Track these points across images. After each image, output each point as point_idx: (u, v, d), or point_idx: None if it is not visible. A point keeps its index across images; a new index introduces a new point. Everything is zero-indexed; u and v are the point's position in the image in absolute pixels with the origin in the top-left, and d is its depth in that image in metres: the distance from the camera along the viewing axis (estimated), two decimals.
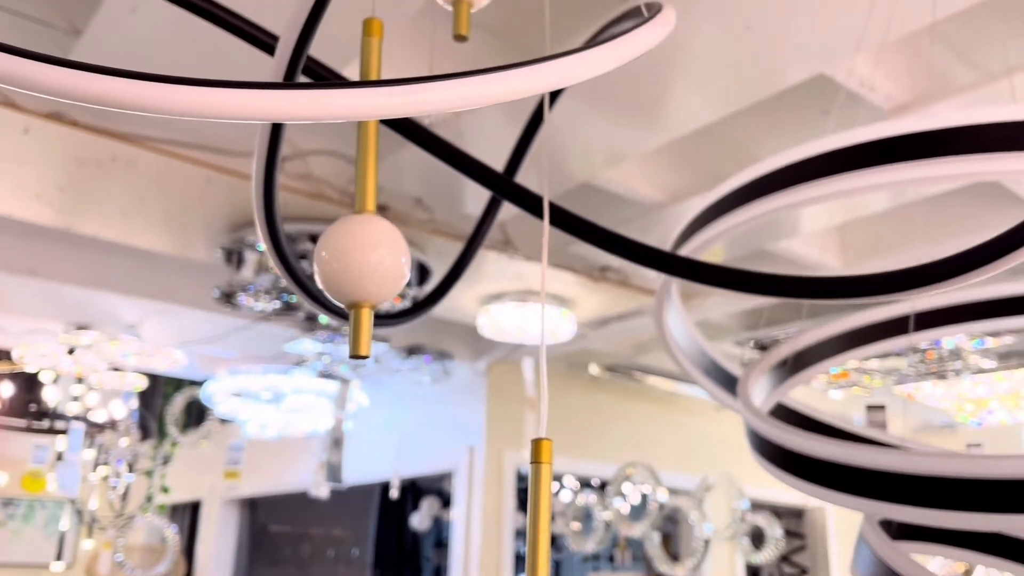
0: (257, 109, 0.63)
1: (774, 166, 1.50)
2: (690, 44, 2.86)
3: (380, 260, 0.86)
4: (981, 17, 2.72)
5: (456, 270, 1.44)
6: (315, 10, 0.83)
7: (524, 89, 0.73)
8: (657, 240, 4.68)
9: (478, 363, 6.59)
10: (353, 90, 0.65)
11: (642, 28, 0.87)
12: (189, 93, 0.62)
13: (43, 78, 0.62)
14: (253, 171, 0.95)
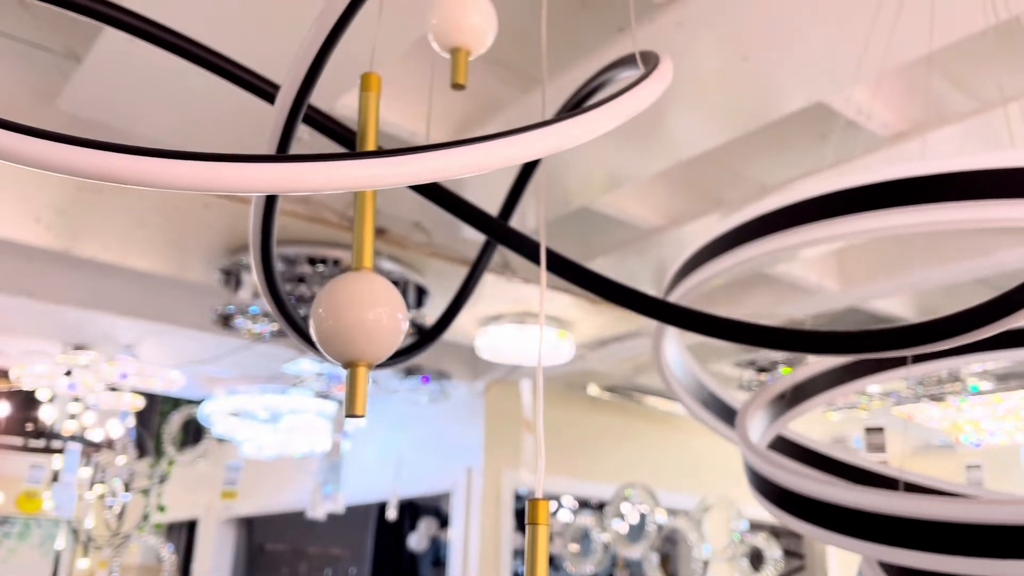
0: (255, 182, 0.63)
1: (768, 208, 1.50)
2: (689, 72, 2.87)
3: (377, 319, 0.86)
4: (978, 47, 2.73)
5: (453, 308, 1.44)
6: (308, 78, 0.83)
7: (521, 156, 0.73)
8: (655, 263, 4.70)
9: (476, 383, 6.58)
10: (349, 162, 0.65)
11: (641, 86, 0.87)
12: (183, 167, 0.62)
13: (39, 155, 0.62)
14: (250, 233, 0.94)
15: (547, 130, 0.75)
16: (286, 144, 0.88)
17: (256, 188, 0.63)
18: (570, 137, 0.76)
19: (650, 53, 1.10)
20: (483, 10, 1.14)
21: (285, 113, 0.85)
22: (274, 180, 0.63)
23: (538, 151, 0.75)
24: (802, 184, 3.57)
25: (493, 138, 0.72)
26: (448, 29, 1.13)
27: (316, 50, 0.82)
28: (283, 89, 0.86)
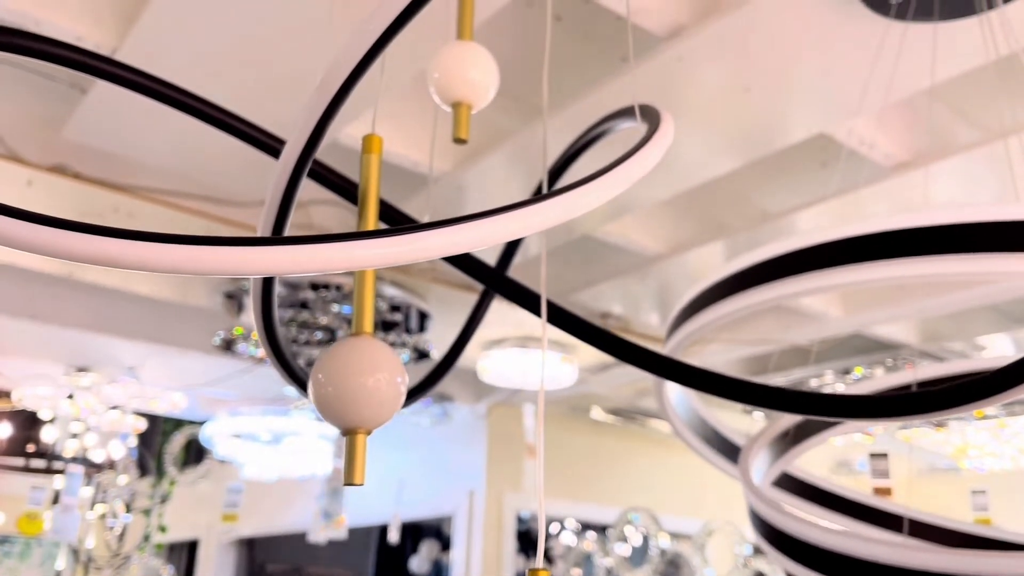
0: (254, 265, 0.63)
1: (771, 255, 1.50)
2: (691, 103, 2.87)
3: (376, 385, 0.85)
4: (982, 77, 2.74)
5: (452, 353, 1.43)
6: (299, 164, 0.84)
7: (523, 230, 0.73)
8: (657, 288, 4.68)
9: (478, 406, 6.56)
10: (347, 243, 0.65)
11: (643, 150, 0.86)
12: (181, 252, 0.62)
13: (34, 239, 0.62)
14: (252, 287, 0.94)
15: (555, 201, 0.75)
16: (283, 220, 0.88)
17: (254, 271, 0.63)
18: (570, 209, 0.76)
19: (650, 108, 1.10)
20: (484, 65, 1.14)
21: (280, 193, 0.85)
22: (271, 263, 0.63)
23: (544, 222, 0.74)
24: (804, 214, 3.57)
25: (499, 212, 0.72)
26: (450, 83, 1.13)
27: (312, 128, 0.82)
28: (280, 163, 0.86)
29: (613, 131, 1.29)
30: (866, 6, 2.26)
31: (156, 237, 0.62)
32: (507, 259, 1.43)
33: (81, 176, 3.45)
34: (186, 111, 1.18)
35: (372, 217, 0.92)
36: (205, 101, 1.20)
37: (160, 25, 2.54)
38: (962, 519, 5.58)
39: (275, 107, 2.98)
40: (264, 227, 0.91)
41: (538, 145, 3.20)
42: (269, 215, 0.89)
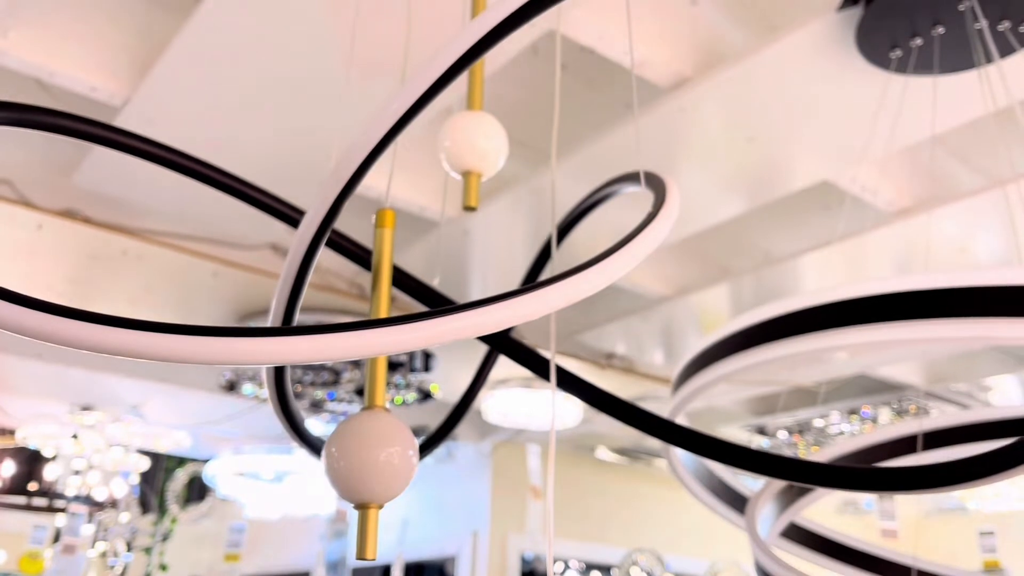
0: (266, 354, 0.65)
1: (775, 313, 1.51)
2: (695, 150, 2.91)
3: (388, 459, 0.87)
4: (983, 124, 2.77)
5: (456, 414, 1.44)
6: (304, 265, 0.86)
7: (528, 315, 0.75)
8: (661, 327, 4.68)
9: (483, 444, 6.53)
10: (353, 333, 0.67)
11: (650, 228, 0.88)
12: (201, 344, 0.63)
13: (70, 334, 0.64)
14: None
15: (563, 284, 0.77)
16: (294, 304, 0.90)
17: (268, 361, 0.65)
18: (578, 292, 0.78)
19: (655, 177, 1.12)
20: (494, 134, 1.17)
21: (290, 285, 0.88)
22: (285, 353, 0.65)
23: (550, 306, 0.76)
24: (808, 258, 3.59)
25: (503, 299, 0.73)
26: (460, 153, 1.15)
27: (322, 217, 0.85)
28: (289, 258, 0.88)
29: (618, 194, 1.31)
30: (867, 60, 2.30)
31: (179, 329, 0.64)
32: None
33: (91, 220, 3.48)
34: (192, 175, 1.21)
35: (385, 290, 0.94)
36: (207, 164, 1.23)
37: (173, 75, 2.59)
38: (970, 560, 5.51)
39: (287, 157, 3.03)
40: (275, 312, 0.93)
41: (543, 191, 3.23)
42: (279, 304, 0.91)
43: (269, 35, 2.44)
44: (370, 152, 0.81)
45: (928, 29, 2.16)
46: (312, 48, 2.49)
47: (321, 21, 2.36)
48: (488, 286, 4.25)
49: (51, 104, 2.90)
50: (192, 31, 2.39)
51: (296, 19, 2.37)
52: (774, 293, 4.10)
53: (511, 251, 3.79)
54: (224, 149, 2.95)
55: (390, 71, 2.49)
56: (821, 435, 5.71)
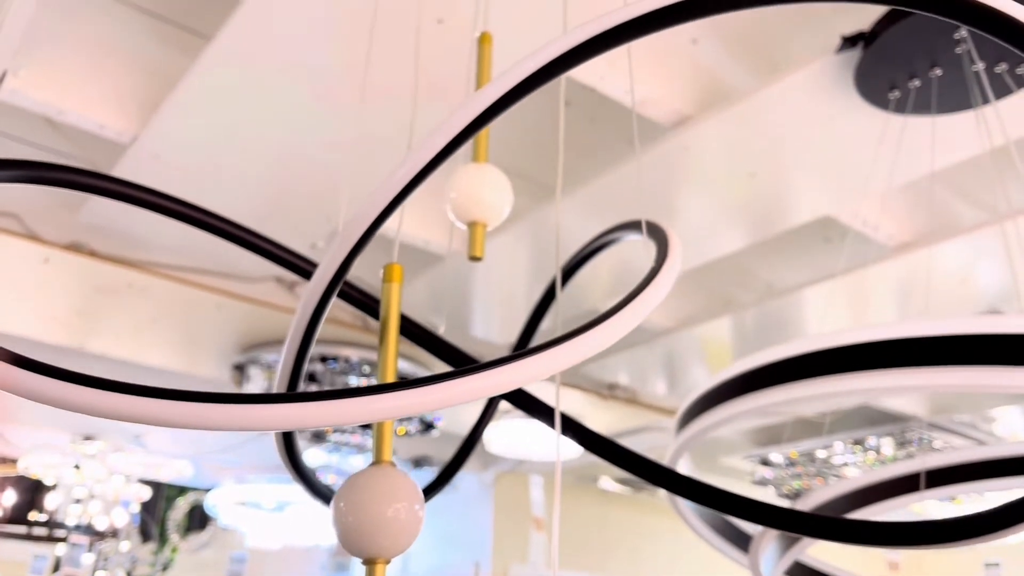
0: (275, 421, 0.67)
1: (779, 357, 1.53)
2: (697, 186, 2.93)
3: (396, 515, 0.87)
4: (982, 160, 2.79)
5: (459, 456, 1.46)
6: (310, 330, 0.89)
7: (534, 376, 0.76)
8: (665, 356, 4.68)
9: (485, 474, 6.51)
10: (362, 398, 0.68)
11: (653, 285, 0.90)
12: (208, 410, 0.65)
13: (83, 400, 0.65)
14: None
15: (565, 346, 0.78)
16: (301, 364, 0.92)
17: (281, 427, 0.67)
18: (585, 351, 0.79)
19: (657, 227, 1.14)
20: (499, 186, 1.19)
21: (294, 354, 0.90)
22: (290, 418, 0.67)
23: (556, 367, 0.77)
24: (810, 291, 3.60)
25: (512, 360, 0.75)
26: (466, 204, 1.17)
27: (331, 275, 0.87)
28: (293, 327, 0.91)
29: (620, 241, 1.33)
30: (865, 100, 2.33)
31: (189, 396, 0.65)
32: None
33: (97, 253, 3.51)
34: (201, 227, 1.23)
35: (392, 346, 0.95)
36: (217, 216, 1.25)
37: (181, 112, 2.62)
38: None
39: (295, 191, 3.06)
40: (281, 377, 0.96)
41: (546, 224, 3.25)
42: (286, 368, 0.93)
43: (276, 74, 2.48)
44: (371, 223, 0.84)
45: (926, 71, 2.19)
46: (317, 87, 2.52)
47: (326, 64, 2.40)
48: (491, 318, 4.27)
49: (61, 141, 2.94)
50: (201, 70, 2.43)
51: (301, 60, 2.41)
52: (777, 325, 4.12)
53: (514, 283, 3.81)
54: (228, 181, 2.98)
55: (397, 108, 2.53)
56: (825, 465, 5.69)
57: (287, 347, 0.96)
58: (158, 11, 2.57)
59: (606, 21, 0.77)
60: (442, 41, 2.17)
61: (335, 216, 3.21)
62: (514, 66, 0.79)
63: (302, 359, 0.97)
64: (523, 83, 0.78)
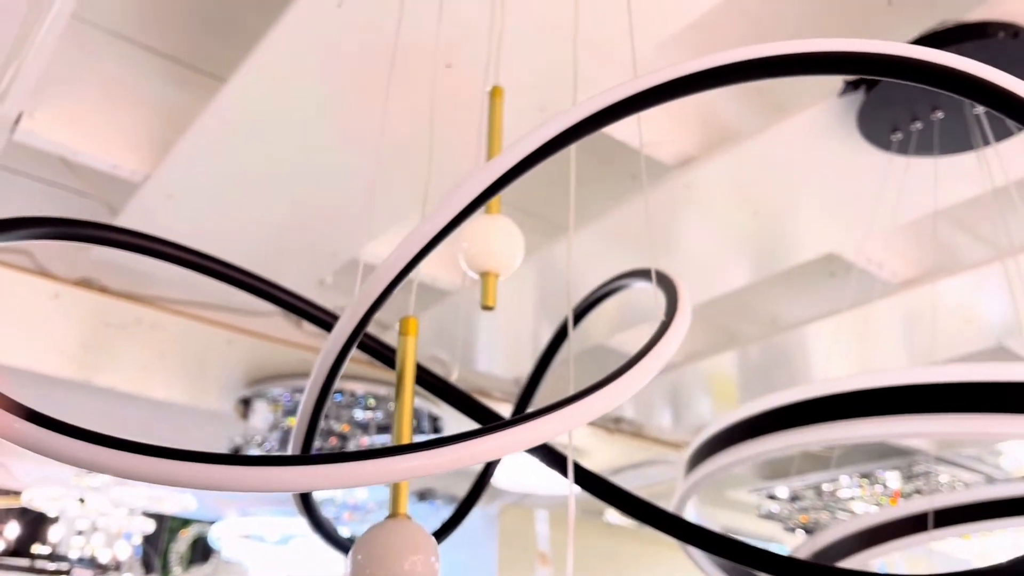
0: (295, 482, 0.69)
1: (782, 403, 1.54)
2: (702, 223, 2.96)
3: (412, 568, 0.89)
4: (985, 197, 2.82)
5: (467, 503, 1.47)
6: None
7: (545, 436, 0.78)
8: (669, 390, 4.68)
9: (489, 508, 6.49)
10: (380, 459, 0.71)
11: (662, 342, 0.92)
12: (234, 472, 0.67)
13: (107, 462, 0.67)
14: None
15: (580, 404, 0.80)
16: (315, 424, 0.94)
17: (293, 488, 0.69)
18: (599, 409, 0.81)
19: (666, 277, 1.16)
20: (511, 236, 1.21)
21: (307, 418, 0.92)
22: (301, 481, 0.69)
23: (569, 425, 0.79)
24: (814, 327, 3.62)
25: (526, 420, 0.77)
26: (478, 254, 1.20)
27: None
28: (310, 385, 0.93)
29: (628, 288, 1.35)
30: (868, 142, 2.36)
31: (211, 458, 0.67)
32: (522, 409, 1.48)
33: (107, 289, 3.54)
34: (208, 274, 1.25)
35: (408, 397, 0.97)
36: (224, 263, 1.28)
37: (194, 153, 2.66)
38: None
39: (304, 227, 3.09)
40: (297, 435, 0.98)
41: (552, 261, 3.28)
42: (301, 426, 0.96)
43: (287, 115, 2.52)
44: (385, 288, 0.86)
45: (927, 113, 2.22)
46: (328, 127, 2.56)
47: (336, 106, 2.44)
48: (496, 352, 4.28)
49: (75, 180, 2.98)
50: (214, 111, 2.47)
51: (312, 102, 2.45)
52: (782, 360, 4.13)
53: (519, 318, 3.83)
54: (238, 218, 3.02)
55: (403, 150, 2.56)
56: (832, 499, 5.66)
57: (303, 406, 0.99)
58: (172, 53, 2.62)
59: (610, 96, 0.80)
60: (451, 86, 2.21)
61: (343, 252, 3.24)
62: (537, 128, 0.82)
63: (317, 416, 0.99)
64: (545, 146, 0.81)
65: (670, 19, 2.10)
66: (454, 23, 2.06)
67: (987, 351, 3.74)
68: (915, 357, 3.88)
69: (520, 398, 1.59)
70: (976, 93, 0.71)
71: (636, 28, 2.10)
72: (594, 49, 2.16)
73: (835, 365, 4.12)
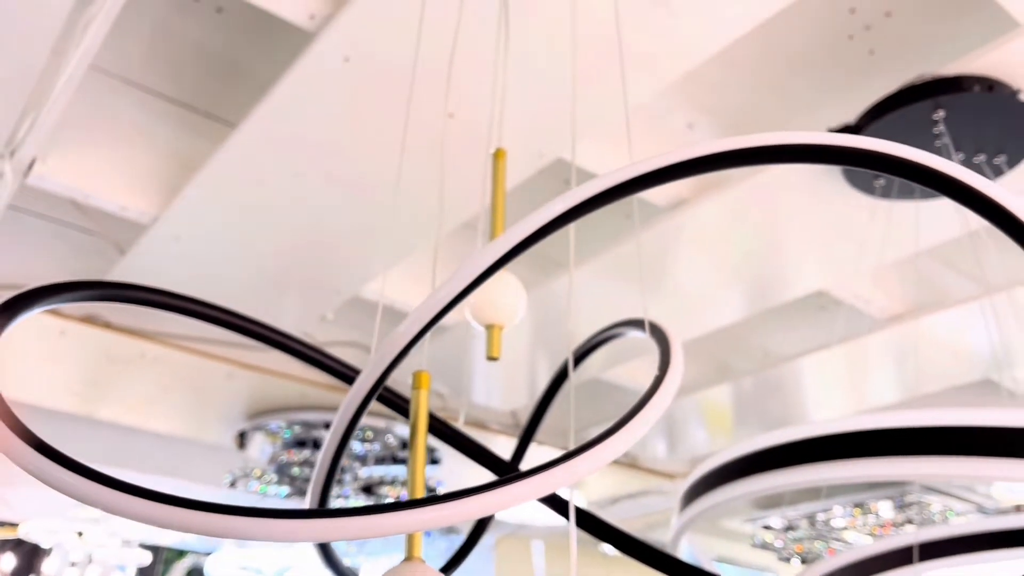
0: (317, 534, 0.77)
1: (783, 440, 1.61)
2: (694, 263, 3.05)
3: None
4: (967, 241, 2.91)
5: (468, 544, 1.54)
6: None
7: (551, 488, 0.86)
8: (664, 426, 4.75)
9: (485, 538, 6.51)
10: (394, 514, 0.78)
11: (658, 394, 1.00)
12: (259, 524, 0.75)
13: (135, 510, 0.75)
14: None
15: (584, 457, 0.88)
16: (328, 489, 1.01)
17: (311, 539, 0.77)
18: (602, 461, 0.89)
19: (658, 327, 1.24)
20: (514, 291, 1.29)
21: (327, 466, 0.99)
22: (321, 532, 0.77)
23: (577, 476, 0.87)
24: (806, 360, 3.70)
25: (532, 474, 0.84)
26: (484, 308, 1.28)
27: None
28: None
29: (623, 336, 1.43)
30: (852, 187, 2.46)
31: (234, 510, 0.75)
32: (523, 449, 1.55)
33: (111, 325, 3.61)
34: (218, 324, 1.32)
35: (420, 450, 1.05)
36: (220, 308, 1.34)
37: (201, 197, 2.74)
38: None
39: (307, 266, 3.17)
40: (315, 488, 1.05)
41: (547, 297, 3.36)
42: (319, 478, 1.03)
43: (293, 160, 2.61)
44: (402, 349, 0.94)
45: None
46: (333, 172, 2.65)
47: (340, 152, 2.53)
48: (492, 385, 4.34)
49: (85, 221, 3.06)
50: (223, 157, 2.56)
51: (317, 149, 2.54)
52: (775, 391, 4.20)
53: (515, 352, 3.90)
54: (243, 258, 3.09)
55: (405, 202, 2.65)
56: (825, 528, 5.71)
57: (322, 455, 1.06)
58: (181, 98, 2.71)
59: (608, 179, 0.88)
60: (453, 134, 2.30)
61: (345, 289, 3.31)
62: (548, 204, 0.91)
63: (336, 464, 1.06)
64: (554, 220, 0.89)
65: (661, 71, 2.20)
66: (458, 74, 2.15)
67: (974, 384, 3.82)
68: (905, 389, 3.97)
69: (521, 439, 1.66)
70: (900, 171, 0.80)
71: (628, 79, 2.20)
72: (590, 98, 2.25)
73: (827, 397, 4.20)
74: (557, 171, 2.90)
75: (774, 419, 4.25)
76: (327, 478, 1.09)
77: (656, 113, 2.55)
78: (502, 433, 4.69)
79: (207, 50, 2.55)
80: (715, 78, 2.49)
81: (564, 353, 2.89)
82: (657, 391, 1.01)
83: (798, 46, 2.40)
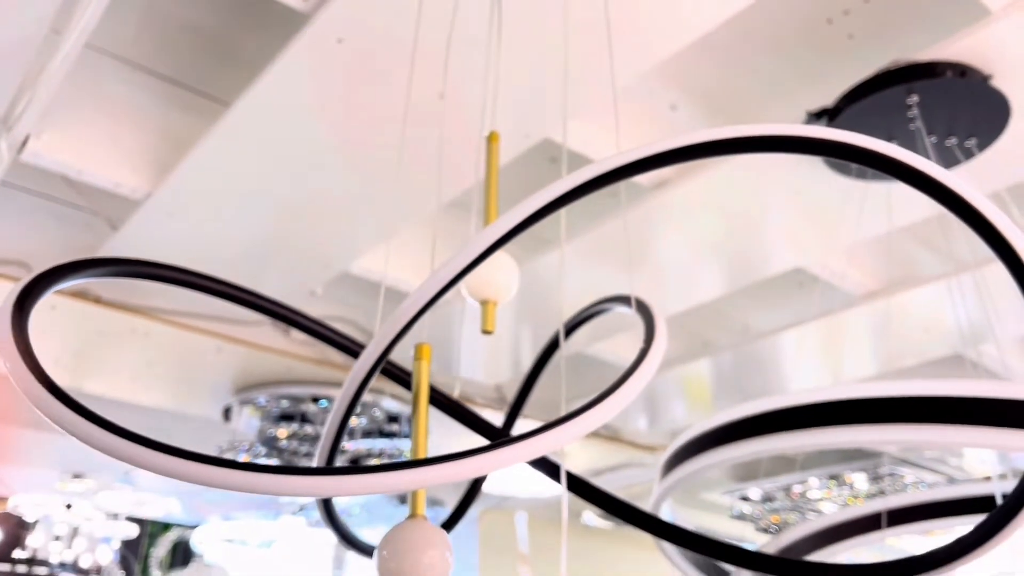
0: (320, 489, 0.85)
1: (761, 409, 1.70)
2: (677, 240, 3.13)
3: (431, 561, 1.04)
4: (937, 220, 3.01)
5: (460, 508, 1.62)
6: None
7: (539, 452, 0.94)
8: (645, 400, 4.85)
9: (470, 510, 6.62)
10: (394, 472, 0.86)
11: (644, 363, 1.08)
12: (279, 480, 0.83)
13: (159, 464, 0.82)
14: None
15: (569, 424, 0.96)
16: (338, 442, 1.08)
17: (317, 494, 0.85)
18: (587, 428, 0.97)
19: (644, 304, 1.32)
20: (508, 268, 1.37)
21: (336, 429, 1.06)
22: (322, 487, 0.85)
23: (567, 439, 0.95)
24: (785, 335, 3.81)
25: (522, 439, 0.92)
26: (479, 285, 1.35)
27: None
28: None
29: (609, 311, 1.51)
30: (830, 168, 2.54)
31: (250, 467, 0.83)
32: (513, 419, 1.63)
33: (102, 300, 3.64)
34: (203, 291, 1.39)
35: (423, 417, 1.12)
36: (212, 278, 1.41)
37: (194, 174, 2.79)
38: None
39: (297, 240, 3.22)
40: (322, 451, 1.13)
41: (533, 274, 3.43)
42: (327, 442, 1.11)
43: (286, 139, 2.65)
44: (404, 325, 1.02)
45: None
46: (327, 152, 2.70)
47: (336, 132, 2.58)
48: (477, 359, 4.42)
49: (77, 197, 3.09)
50: (216, 134, 2.60)
51: (310, 124, 2.59)
52: (754, 365, 4.31)
53: (500, 326, 3.97)
54: (234, 233, 3.14)
55: (393, 180, 2.71)
56: (802, 499, 5.86)
57: (328, 425, 1.13)
58: (174, 76, 2.74)
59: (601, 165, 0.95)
60: (444, 115, 2.36)
61: (333, 265, 3.37)
62: (545, 189, 0.98)
63: (341, 433, 1.13)
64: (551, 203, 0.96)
65: (648, 53, 2.26)
66: (450, 56, 2.20)
67: (947, 358, 3.95)
68: (881, 363, 4.09)
69: (512, 407, 1.74)
70: (857, 158, 0.89)
71: (617, 62, 2.26)
72: (576, 80, 2.31)
73: (805, 371, 4.32)
74: (543, 150, 2.96)
75: (753, 393, 4.36)
76: (333, 444, 1.16)
77: (639, 95, 2.62)
78: (487, 407, 4.78)
79: (201, 29, 2.58)
80: (697, 61, 2.56)
81: (548, 328, 3.00)
82: (643, 361, 1.09)
83: (779, 29, 2.47)
